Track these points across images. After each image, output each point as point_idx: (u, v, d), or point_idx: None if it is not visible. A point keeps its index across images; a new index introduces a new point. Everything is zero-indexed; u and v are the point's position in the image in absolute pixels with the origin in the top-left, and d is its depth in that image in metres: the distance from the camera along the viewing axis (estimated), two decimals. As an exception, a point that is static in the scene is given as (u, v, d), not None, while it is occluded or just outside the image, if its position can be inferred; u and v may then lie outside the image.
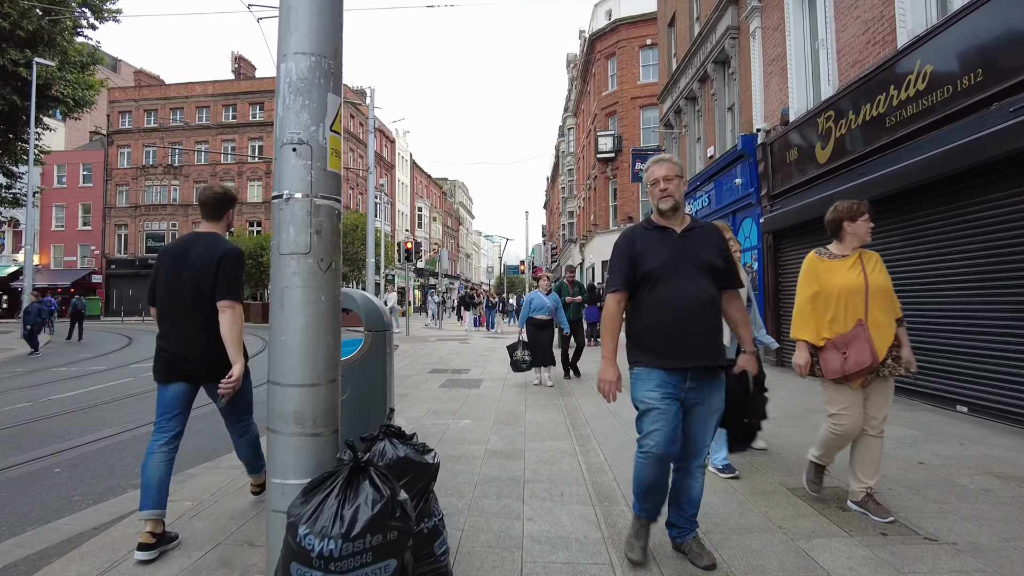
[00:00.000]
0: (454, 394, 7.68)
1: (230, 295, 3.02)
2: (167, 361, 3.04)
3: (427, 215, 63.62)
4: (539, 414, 6.42)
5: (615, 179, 32.87)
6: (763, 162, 11.37)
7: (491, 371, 10.15)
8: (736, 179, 12.53)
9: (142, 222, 44.69)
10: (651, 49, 32.52)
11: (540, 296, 8.68)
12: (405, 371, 10.00)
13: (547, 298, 8.66)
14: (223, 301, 3.00)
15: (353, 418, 2.98)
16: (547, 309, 8.60)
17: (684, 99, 16.55)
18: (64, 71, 22.17)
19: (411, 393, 7.74)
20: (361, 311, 3.13)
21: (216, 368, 2.99)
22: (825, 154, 9.15)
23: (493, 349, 14.49)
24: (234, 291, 3.05)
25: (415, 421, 5.98)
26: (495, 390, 8.07)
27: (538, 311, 8.60)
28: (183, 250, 3.12)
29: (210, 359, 3.02)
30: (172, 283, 3.06)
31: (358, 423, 2.97)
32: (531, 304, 8.68)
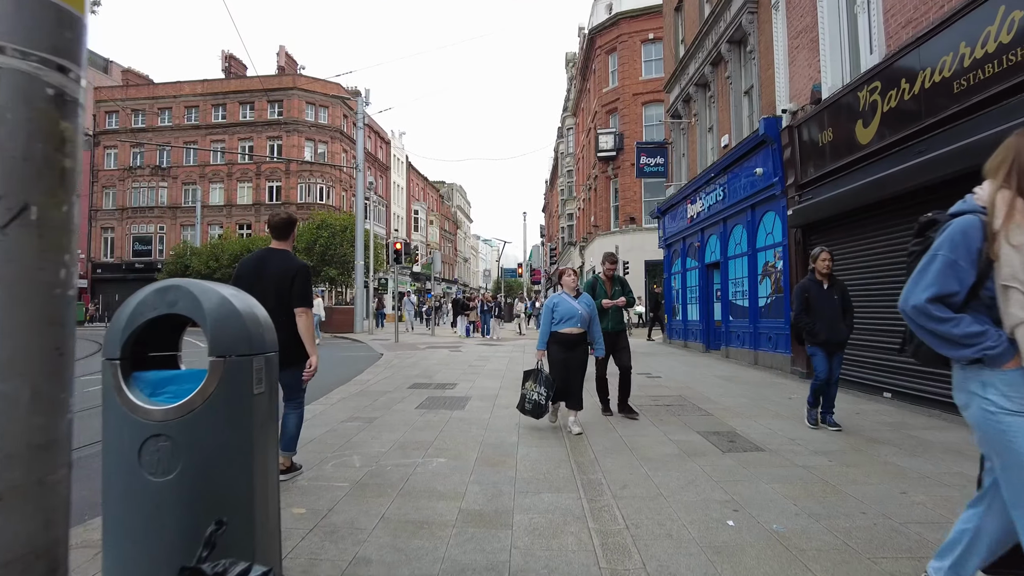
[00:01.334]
0: (432, 418, 6.33)
1: (304, 303, 3.95)
2: None
3: (423, 218, 62.32)
4: (535, 448, 5.07)
5: (616, 179, 31.59)
6: (789, 148, 10.06)
7: (481, 386, 8.81)
8: (756, 169, 11.22)
9: (129, 225, 43.36)
10: (654, 44, 31.28)
11: (567, 300, 5.76)
12: (381, 386, 8.65)
13: (577, 302, 5.75)
14: (300, 308, 3.91)
15: (185, 523, 1.63)
16: (578, 319, 5.68)
17: (694, 86, 15.26)
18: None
19: (380, 417, 6.38)
20: (207, 320, 1.78)
21: (284, 357, 3.19)
22: (869, 132, 7.84)
23: (486, 359, 13.14)
24: (307, 299, 3.98)
25: (373, 460, 4.64)
26: (482, 412, 6.72)
27: (565, 322, 5.68)
28: (263, 262, 3.98)
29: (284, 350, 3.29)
30: (257, 288, 3.47)
31: (190, 533, 1.61)
32: (554, 312, 5.76)
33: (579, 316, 5.70)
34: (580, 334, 5.73)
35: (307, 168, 41.67)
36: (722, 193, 13.23)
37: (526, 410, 5.57)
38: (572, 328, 5.69)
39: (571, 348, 5.72)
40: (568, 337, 5.71)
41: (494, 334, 21.07)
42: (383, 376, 9.90)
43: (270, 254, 4.08)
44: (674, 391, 8.32)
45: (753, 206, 11.77)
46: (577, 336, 5.73)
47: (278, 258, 4.04)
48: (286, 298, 3.90)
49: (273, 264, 3.99)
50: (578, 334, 5.72)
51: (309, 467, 4.40)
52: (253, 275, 3.93)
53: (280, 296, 3.86)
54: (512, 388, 8.47)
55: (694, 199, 15.11)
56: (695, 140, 15.65)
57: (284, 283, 3.92)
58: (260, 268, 3.97)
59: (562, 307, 5.76)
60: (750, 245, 11.99)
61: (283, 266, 3.98)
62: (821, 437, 5.45)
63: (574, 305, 5.72)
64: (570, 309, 5.71)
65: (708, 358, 13.22)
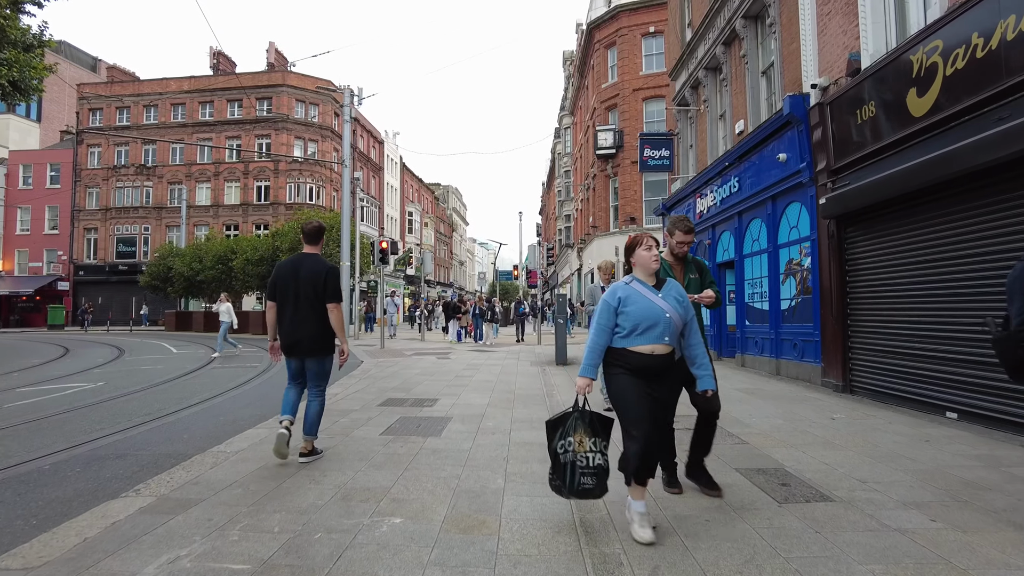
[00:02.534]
0: (398, 449, 5.03)
1: (336, 299, 4.62)
2: (288, 344, 4.56)
3: (418, 220, 61.03)
4: (526, 498, 3.79)
5: (616, 177, 30.39)
6: (819, 128, 8.82)
7: (465, 403, 7.52)
8: (779, 155, 9.96)
9: (113, 225, 41.97)
10: (654, 37, 30.15)
11: (643, 292, 3.24)
12: (348, 402, 7.36)
13: (660, 295, 3.25)
14: (332, 303, 4.59)
15: None
16: (665, 327, 3.19)
17: (704, 70, 14.02)
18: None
19: (333, 447, 5.08)
20: None
21: (315, 347, 4.56)
22: (925, 103, 6.59)
23: (475, 367, 11.84)
24: (338, 296, 4.64)
25: (300, 521, 3.34)
26: (463, 440, 5.42)
27: (642, 333, 3.18)
28: (299, 265, 4.62)
29: (313, 340, 4.53)
30: (295, 288, 4.52)
31: None
32: (621, 312, 3.23)
33: (667, 323, 3.15)
34: (669, 355, 3.22)
35: (296, 167, 40.38)
36: (736, 184, 11.98)
37: (574, 488, 3.13)
38: (655, 345, 3.14)
39: (655, 379, 3.20)
40: (650, 362, 3.15)
41: (487, 339, 19.79)
42: (355, 389, 8.59)
43: (305, 257, 4.69)
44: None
45: (774, 197, 10.52)
46: (665, 358, 3.20)
47: (311, 261, 4.66)
48: (321, 295, 4.56)
49: (307, 266, 4.61)
50: (666, 355, 3.20)
51: (204, 536, 3.11)
52: (290, 276, 4.57)
53: (315, 293, 4.54)
54: (502, 405, 7.19)
55: (704, 193, 13.86)
56: (704, 129, 14.40)
57: (318, 282, 4.55)
58: (296, 269, 4.59)
59: (636, 305, 3.16)
60: (770, 241, 10.73)
61: (316, 268, 4.60)
62: (895, 476, 4.18)
63: (656, 302, 3.18)
64: (650, 309, 3.16)
65: (722, 367, 11.94)
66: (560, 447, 3.23)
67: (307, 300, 4.51)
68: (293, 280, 4.54)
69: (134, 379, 10.91)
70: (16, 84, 21.06)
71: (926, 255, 6.87)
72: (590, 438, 3.20)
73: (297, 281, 4.53)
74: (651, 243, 3.29)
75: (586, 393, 3.25)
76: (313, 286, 4.52)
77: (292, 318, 4.53)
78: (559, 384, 9.27)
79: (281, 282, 4.55)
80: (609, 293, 3.29)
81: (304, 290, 4.50)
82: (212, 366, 13.25)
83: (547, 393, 8.31)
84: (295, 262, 4.65)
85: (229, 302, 16.90)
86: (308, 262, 4.62)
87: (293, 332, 4.53)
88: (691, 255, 4.20)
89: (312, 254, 4.73)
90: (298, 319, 4.51)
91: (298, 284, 4.52)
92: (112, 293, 40.98)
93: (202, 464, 4.51)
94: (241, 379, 10.70)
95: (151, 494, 3.76)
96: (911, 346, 7.07)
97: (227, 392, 9.12)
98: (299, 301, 4.51)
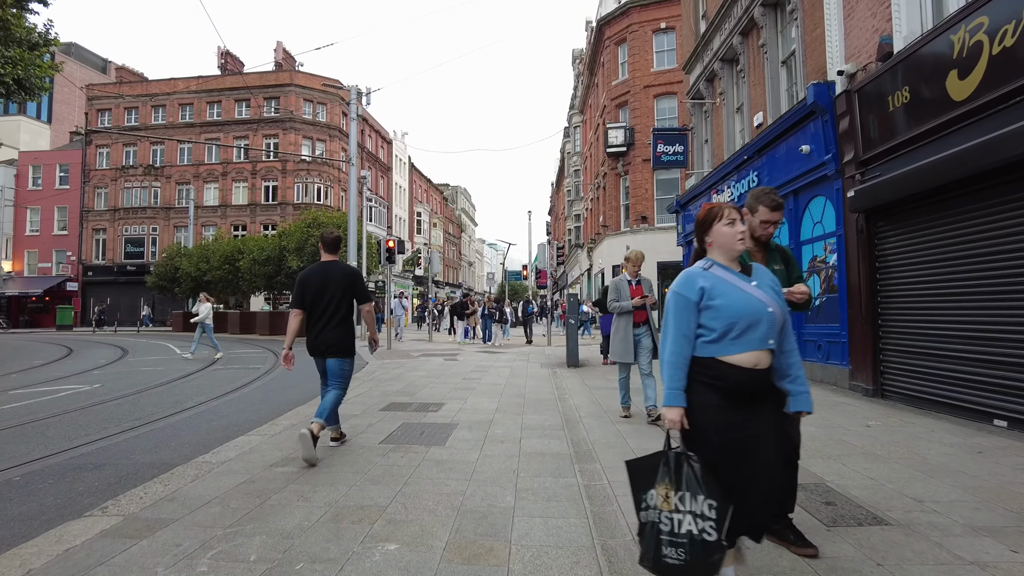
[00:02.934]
0: (398, 460, 4.61)
1: (368, 299, 5.01)
2: (314, 345, 4.77)
3: (426, 220, 60.74)
4: (540, 519, 3.35)
5: (627, 176, 29.89)
6: (846, 117, 8.33)
7: (473, 407, 7.10)
8: (801, 147, 9.48)
9: (121, 226, 41.93)
10: (665, 34, 29.66)
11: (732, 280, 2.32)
12: (349, 407, 6.95)
13: (751, 283, 2.34)
14: (365, 304, 5.01)
15: None
16: (768, 325, 2.28)
17: (719, 61, 13.54)
18: (2, 47, 19.41)
19: (327, 458, 4.67)
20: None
21: (338, 347, 4.78)
22: (967, 86, 6.11)
23: (483, 370, 11.42)
24: (369, 297, 5.04)
25: (282, 547, 2.93)
26: (469, 450, 5.00)
27: (740, 336, 2.25)
28: (326, 272, 4.85)
29: (337, 341, 4.75)
30: (323, 294, 4.76)
31: None
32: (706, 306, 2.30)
33: (771, 321, 2.29)
34: (768, 370, 2.33)
35: (304, 167, 40.18)
36: (756, 179, 11.49)
37: (657, 563, 2.14)
38: (759, 353, 2.26)
39: (754, 402, 2.28)
40: (753, 378, 2.26)
41: (496, 340, 19.36)
42: (356, 393, 8.19)
43: (329, 265, 4.92)
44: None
45: (796, 192, 10.03)
46: (769, 373, 2.34)
47: (336, 267, 4.92)
48: (348, 297, 4.86)
49: (334, 271, 4.87)
50: (770, 368, 2.33)
51: (167, 568, 2.70)
52: (319, 283, 4.79)
53: (344, 297, 4.82)
54: (512, 410, 6.77)
55: (720, 188, 13.37)
56: (720, 123, 13.92)
57: (347, 286, 4.84)
58: (325, 276, 4.82)
59: (727, 297, 2.28)
60: (792, 237, 10.24)
61: (343, 272, 4.90)
62: (954, 494, 3.72)
63: (753, 293, 2.30)
64: (747, 303, 2.28)
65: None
66: (642, 502, 2.22)
67: (335, 304, 4.77)
68: (322, 286, 4.78)
69: (131, 381, 10.58)
70: (21, 82, 20.88)
71: (968, 249, 6.37)
72: (677, 492, 2.12)
73: (327, 287, 4.78)
74: (734, 216, 2.35)
75: (672, 427, 2.26)
76: (343, 290, 4.81)
77: (321, 322, 4.77)
78: (571, 387, 8.83)
79: (310, 289, 4.78)
80: (683, 283, 2.34)
81: (334, 295, 4.77)
82: (215, 367, 12.92)
83: (559, 397, 7.88)
84: (322, 270, 4.87)
85: (210, 302, 16.36)
86: (334, 269, 4.89)
87: (321, 335, 4.76)
88: (774, 242, 3.30)
89: (335, 261, 4.99)
90: (327, 323, 4.76)
91: (328, 290, 4.77)
92: (120, 294, 40.91)
93: (183, 476, 4.12)
94: (241, 381, 10.34)
95: (119, 513, 3.36)
96: (951, 348, 6.58)
97: (224, 396, 8.76)
98: (328, 306, 4.77)
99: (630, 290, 6.35)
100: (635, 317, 6.26)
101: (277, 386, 9.87)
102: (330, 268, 4.87)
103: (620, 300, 6.31)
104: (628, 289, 6.37)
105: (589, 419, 6.30)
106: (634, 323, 6.26)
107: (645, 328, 6.31)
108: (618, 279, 6.52)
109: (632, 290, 6.35)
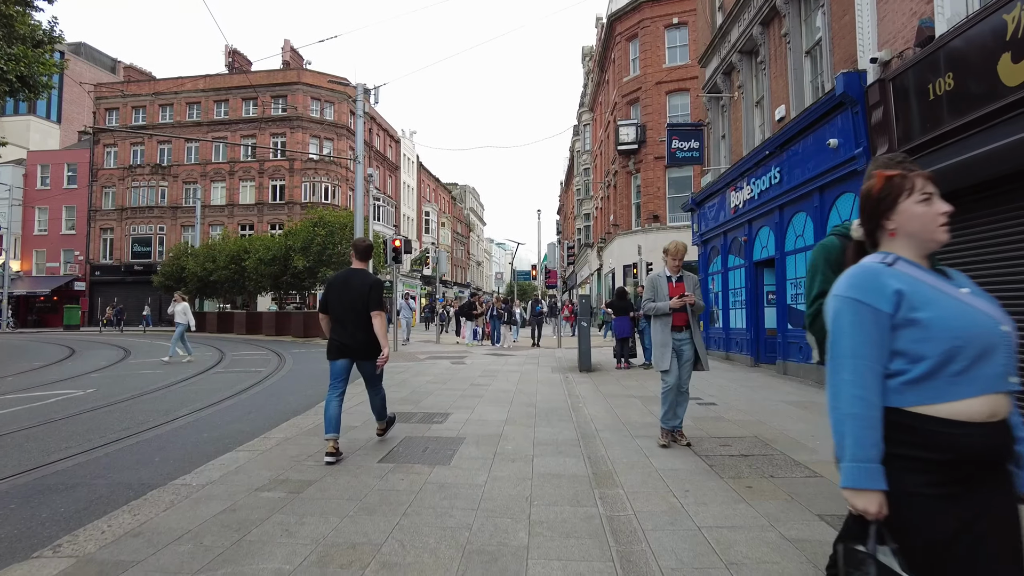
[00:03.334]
0: (397, 483, 4.15)
1: (379, 307, 4.98)
2: (338, 347, 4.95)
3: (435, 220, 60.37)
4: (557, 563, 2.87)
5: (638, 174, 29.36)
6: (879, 107, 7.80)
7: (481, 417, 6.64)
8: (829, 140, 8.96)
9: (129, 225, 41.81)
10: (678, 29, 29.11)
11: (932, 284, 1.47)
12: (348, 418, 6.50)
13: (961, 291, 1.48)
14: (375, 311, 4.95)
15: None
16: (1006, 354, 1.41)
17: (738, 53, 13.01)
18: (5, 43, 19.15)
19: (318, 480, 4.22)
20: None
21: (367, 351, 4.95)
22: (1023, 69, 5.58)
23: (492, 374, 10.96)
24: (381, 305, 4.99)
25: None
26: (477, 470, 4.54)
27: (975, 354, 1.37)
28: (348, 279, 5.05)
29: (365, 345, 4.94)
30: (346, 299, 4.95)
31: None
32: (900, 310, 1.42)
33: (1007, 346, 1.42)
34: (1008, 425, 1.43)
35: (312, 166, 39.89)
36: (777, 175, 10.96)
37: None
38: (996, 398, 1.39)
39: (987, 479, 1.40)
40: (987, 438, 1.38)
41: (505, 342, 18.91)
42: (359, 401, 7.73)
43: (353, 272, 5.11)
44: (743, 427, 6.10)
45: (822, 188, 9.51)
46: (1007, 430, 1.42)
47: (359, 275, 5.07)
48: (367, 304, 4.93)
49: (356, 279, 5.02)
50: (1007, 425, 1.42)
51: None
52: (340, 289, 4.99)
53: (363, 304, 4.92)
54: (522, 421, 6.31)
55: (739, 186, 12.85)
56: (739, 117, 13.39)
57: (364, 292, 4.94)
58: (347, 282, 5.01)
59: (937, 308, 1.42)
60: (817, 236, 9.71)
61: (363, 280, 5.01)
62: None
63: (971, 303, 1.46)
64: (969, 316, 1.43)
65: (761, 375, 10.94)
66: None
67: (355, 310, 4.93)
68: (343, 293, 4.98)
69: (128, 385, 10.21)
70: (24, 80, 20.62)
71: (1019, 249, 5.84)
72: None
73: (347, 294, 4.97)
74: (929, 189, 1.56)
75: (870, 516, 1.39)
76: (360, 297, 4.93)
77: (343, 326, 4.96)
78: (584, 395, 8.35)
79: (332, 295, 5.02)
80: (863, 283, 1.48)
81: (353, 302, 4.93)
82: (215, 370, 12.54)
83: (572, 406, 7.40)
84: (345, 277, 5.10)
85: (185, 301, 15.49)
86: (356, 277, 5.06)
87: (344, 338, 4.95)
88: None
89: (360, 269, 5.19)
90: (349, 327, 4.95)
91: (348, 296, 4.95)
92: (128, 293, 40.74)
93: (156, 503, 3.68)
94: (240, 386, 9.93)
95: (73, 553, 2.92)
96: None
97: (220, 402, 8.35)
98: (348, 311, 4.95)
99: (669, 288, 5.33)
100: (674, 320, 5.26)
101: (277, 391, 9.46)
102: (353, 276, 5.06)
103: (656, 300, 5.33)
104: (667, 287, 5.35)
105: (606, 432, 5.83)
106: (673, 326, 5.26)
107: (686, 334, 5.30)
108: (655, 275, 5.51)
109: (672, 288, 5.33)
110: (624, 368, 11.60)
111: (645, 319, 7.92)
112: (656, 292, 5.36)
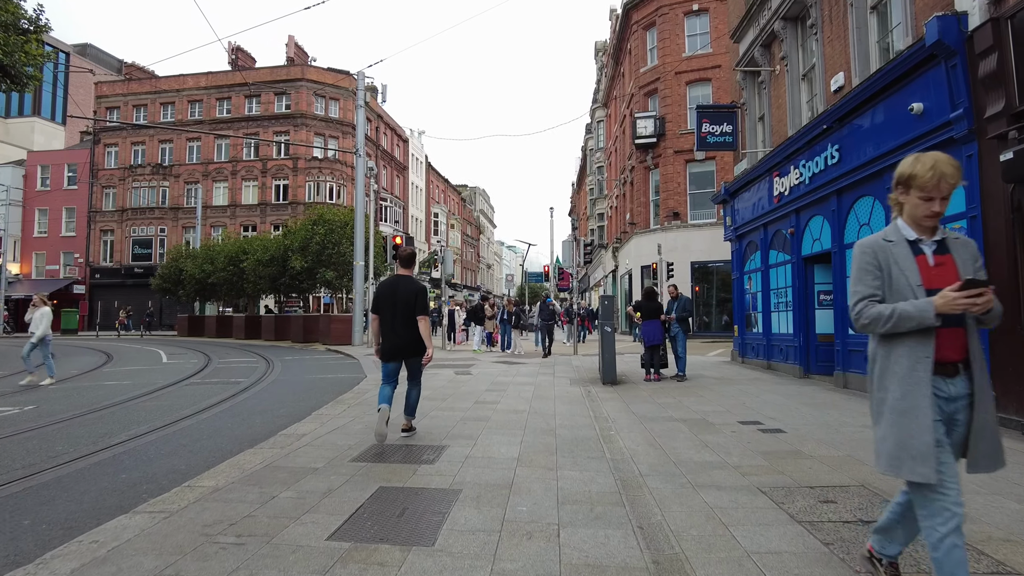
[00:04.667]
0: (362, 569, 2.61)
1: (424, 313, 5.52)
2: (390, 350, 5.53)
3: (444, 221, 58.94)
4: None
5: (656, 169, 27.73)
6: (990, 55, 6.18)
7: (484, 454, 5.07)
8: (911, 105, 7.33)
9: (129, 227, 40.73)
10: (698, 16, 27.53)
11: None
12: (307, 454, 4.96)
13: None
14: (422, 316, 5.49)
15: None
16: None
17: (781, 20, 11.38)
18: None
19: (236, 570, 2.68)
20: None
21: (414, 349, 5.49)
22: None
23: (502, 388, 9.39)
24: (426, 310, 5.57)
25: None
26: (476, 557, 2.98)
27: None
28: (396, 285, 5.57)
29: (412, 345, 5.47)
30: (394, 304, 5.47)
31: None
32: None
33: None
34: None
35: (316, 165, 38.62)
36: (836, 155, 9.33)
37: None
38: None
39: None
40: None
41: (515, 348, 17.35)
42: (333, 427, 6.21)
43: (400, 279, 5.66)
44: (836, 468, 4.49)
45: (896, 166, 7.87)
46: None
47: (406, 281, 5.62)
48: (414, 309, 5.48)
49: (403, 286, 5.56)
50: None
51: None
52: (389, 294, 5.55)
53: (409, 309, 5.48)
54: (540, 459, 4.76)
55: (784, 170, 11.21)
56: (782, 93, 11.76)
57: (411, 299, 5.50)
58: (394, 289, 5.55)
59: None
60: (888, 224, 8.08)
61: (409, 287, 5.56)
62: None
63: None
64: None
65: (818, 388, 9.29)
66: None
67: (403, 315, 5.45)
68: (392, 298, 5.50)
69: (80, 399, 8.79)
70: (6, 69, 19.30)
71: None
72: None
73: (395, 299, 5.49)
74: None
75: None
76: (407, 303, 5.46)
77: (393, 329, 5.49)
78: (614, 417, 6.76)
79: (383, 300, 5.55)
80: None
81: (400, 307, 5.45)
82: (191, 381, 11.09)
83: (602, 434, 5.82)
84: (393, 283, 5.64)
85: (47, 306, 11.32)
86: (403, 283, 5.57)
87: (395, 340, 5.49)
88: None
89: (406, 276, 5.70)
90: (399, 329, 5.47)
91: (396, 301, 5.48)
92: (128, 296, 39.59)
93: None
94: (205, 402, 8.46)
95: None
96: None
97: (174, 423, 6.87)
98: (397, 316, 5.46)
99: (922, 269, 2.19)
100: (940, 347, 2.12)
101: (244, 410, 7.97)
102: (399, 282, 5.59)
103: (892, 297, 2.20)
104: (915, 265, 2.20)
105: (655, 479, 4.24)
106: (938, 361, 2.12)
107: (963, 381, 2.15)
108: (876, 242, 2.30)
109: (927, 270, 2.19)
110: (654, 380, 9.99)
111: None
112: (885, 279, 2.23)
